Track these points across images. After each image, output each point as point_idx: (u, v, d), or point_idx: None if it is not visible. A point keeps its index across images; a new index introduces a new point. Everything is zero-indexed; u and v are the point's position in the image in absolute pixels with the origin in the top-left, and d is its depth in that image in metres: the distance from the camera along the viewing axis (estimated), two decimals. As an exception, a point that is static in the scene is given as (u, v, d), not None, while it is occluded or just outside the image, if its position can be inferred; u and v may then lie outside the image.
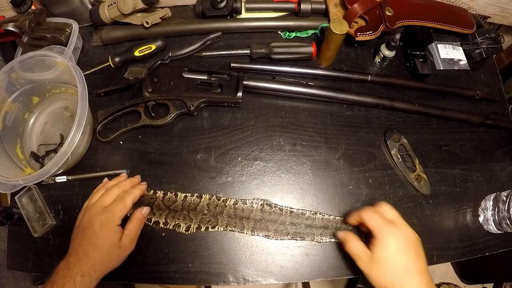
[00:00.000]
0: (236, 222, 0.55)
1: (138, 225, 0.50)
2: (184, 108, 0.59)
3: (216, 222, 0.55)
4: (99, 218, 0.47)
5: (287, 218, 0.55)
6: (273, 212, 0.56)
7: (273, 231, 0.55)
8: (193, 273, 0.53)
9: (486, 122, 0.65)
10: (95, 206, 0.49)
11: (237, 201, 0.56)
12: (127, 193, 0.50)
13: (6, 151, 0.56)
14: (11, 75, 0.56)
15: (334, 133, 0.63)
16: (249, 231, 0.54)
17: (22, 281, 0.93)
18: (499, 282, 1.08)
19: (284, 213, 0.56)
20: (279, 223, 0.55)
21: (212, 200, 0.56)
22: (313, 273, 0.54)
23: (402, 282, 0.43)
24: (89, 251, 0.45)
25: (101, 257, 0.45)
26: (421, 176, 0.60)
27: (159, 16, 0.64)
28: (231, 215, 0.55)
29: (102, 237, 0.46)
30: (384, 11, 0.66)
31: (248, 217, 0.55)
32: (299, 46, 0.66)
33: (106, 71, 0.64)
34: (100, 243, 0.45)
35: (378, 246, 0.45)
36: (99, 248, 0.45)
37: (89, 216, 0.48)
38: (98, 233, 0.46)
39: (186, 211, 0.55)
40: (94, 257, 0.44)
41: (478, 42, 0.71)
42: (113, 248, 0.46)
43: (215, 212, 0.55)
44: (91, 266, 0.44)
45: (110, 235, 0.46)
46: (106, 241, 0.46)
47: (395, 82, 0.67)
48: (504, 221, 0.56)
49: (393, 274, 0.44)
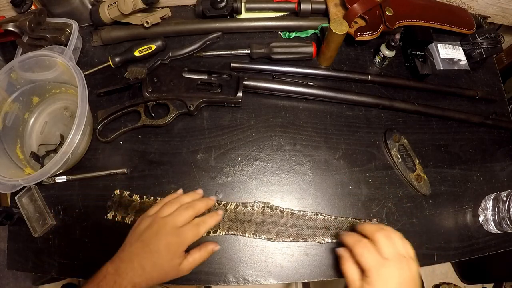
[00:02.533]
0: (238, 226, 0.54)
1: (205, 257, 0.49)
2: (184, 108, 0.59)
3: (217, 227, 0.54)
4: (168, 239, 0.45)
5: (288, 220, 0.55)
6: (274, 215, 0.55)
7: (274, 233, 0.54)
8: (193, 273, 0.53)
9: (486, 122, 0.65)
10: (165, 222, 0.46)
11: (238, 205, 0.56)
12: (203, 222, 0.49)
13: (6, 151, 0.56)
14: (11, 75, 0.56)
15: (334, 133, 0.63)
16: (251, 234, 0.54)
17: (22, 281, 0.93)
18: (499, 282, 1.08)
19: (286, 215, 0.55)
20: (281, 225, 0.55)
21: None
22: (313, 273, 0.54)
23: None
24: (147, 266, 0.43)
25: (158, 275, 0.44)
26: (421, 176, 0.60)
27: (159, 16, 0.64)
28: (232, 219, 0.55)
29: (165, 258, 0.44)
30: (384, 11, 0.66)
31: (249, 220, 0.55)
32: (299, 46, 0.65)
33: (106, 71, 0.64)
34: (161, 263, 0.44)
35: (369, 284, 0.42)
36: (159, 267, 0.43)
37: (157, 230, 0.45)
38: (162, 253, 0.44)
39: None
40: (151, 273, 0.43)
41: (478, 42, 0.71)
42: (172, 270, 0.45)
43: None
44: (144, 280, 0.42)
45: (174, 260, 0.45)
46: (168, 263, 0.44)
47: (395, 82, 0.67)
48: (504, 221, 0.56)
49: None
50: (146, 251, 0.44)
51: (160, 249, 0.44)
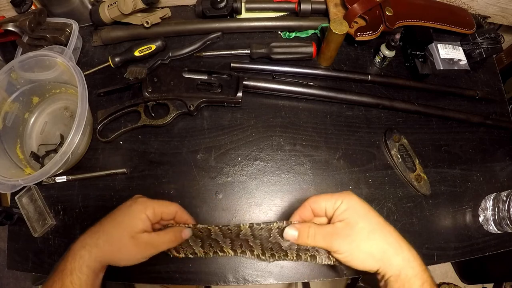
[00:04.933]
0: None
1: (169, 237, 0.44)
2: (184, 108, 0.59)
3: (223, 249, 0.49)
4: (135, 199, 0.44)
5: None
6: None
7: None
8: (193, 273, 0.53)
9: (486, 122, 0.65)
10: (135, 202, 0.44)
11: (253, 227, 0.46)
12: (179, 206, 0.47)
13: (6, 151, 0.56)
14: (11, 75, 0.56)
15: (334, 133, 0.63)
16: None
17: (22, 281, 0.93)
18: (499, 282, 1.08)
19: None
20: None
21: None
22: (313, 273, 0.54)
23: (399, 245, 0.38)
24: (105, 225, 0.41)
25: (110, 236, 0.40)
26: (421, 176, 0.60)
27: (159, 16, 0.64)
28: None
29: (123, 215, 0.42)
30: (384, 11, 0.66)
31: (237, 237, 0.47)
32: (299, 46, 0.65)
33: (106, 71, 0.64)
34: (117, 220, 0.42)
35: (345, 210, 0.39)
36: (113, 224, 0.41)
37: (130, 199, 0.45)
38: (123, 210, 0.43)
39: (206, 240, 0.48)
40: (104, 231, 0.41)
41: (478, 42, 0.71)
42: (125, 234, 0.41)
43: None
44: (95, 240, 0.40)
45: (132, 219, 0.42)
46: (124, 222, 0.41)
47: (395, 82, 0.67)
48: (504, 221, 0.56)
49: (382, 236, 0.38)
50: (109, 215, 0.43)
51: (122, 208, 0.43)
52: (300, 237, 0.41)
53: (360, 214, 0.39)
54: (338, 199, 0.40)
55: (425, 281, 0.37)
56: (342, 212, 0.40)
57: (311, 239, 0.40)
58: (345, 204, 0.40)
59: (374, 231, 0.39)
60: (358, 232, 0.38)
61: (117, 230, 0.41)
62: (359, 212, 0.39)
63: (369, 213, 0.40)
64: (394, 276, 0.37)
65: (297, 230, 0.41)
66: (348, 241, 0.38)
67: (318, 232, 0.40)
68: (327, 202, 0.41)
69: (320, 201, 0.42)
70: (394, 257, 0.37)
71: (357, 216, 0.39)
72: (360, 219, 0.39)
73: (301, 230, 0.41)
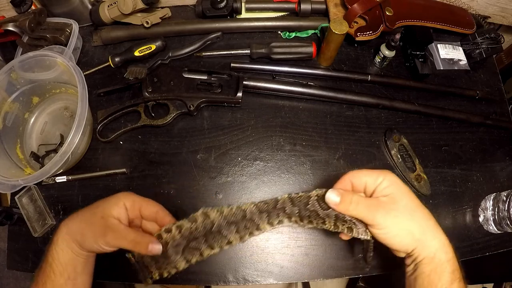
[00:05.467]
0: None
1: (133, 238, 0.41)
2: (184, 108, 0.59)
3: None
4: (122, 192, 0.44)
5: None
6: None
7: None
8: (193, 273, 0.53)
9: (486, 122, 0.65)
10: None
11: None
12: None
13: (6, 151, 0.56)
14: (11, 75, 0.56)
15: (334, 133, 0.63)
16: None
17: (22, 281, 0.93)
18: (499, 282, 1.08)
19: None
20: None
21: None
22: (313, 273, 0.54)
23: (436, 228, 0.38)
24: (85, 208, 0.42)
25: (84, 215, 0.41)
26: (421, 176, 0.60)
27: (159, 16, 0.64)
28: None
29: (103, 201, 0.42)
30: (384, 11, 0.66)
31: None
32: (299, 46, 0.65)
33: (106, 71, 0.64)
34: (97, 204, 0.42)
35: (389, 186, 0.39)
36: (91, 207, 0.42)
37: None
38: (104, 199, 0.43)
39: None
40: (81, 212, 0.41)
41: (478, 42, 0.71)
42: (99, 213, 0.41)
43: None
44: (72, 218, 0.41)
45: (109, 203, 0.42)
46: (101, 205, 0.42)
47: (395, 82, 0.67)
48: (504, 221, 0.56)
49: (417, 218, 0.38)
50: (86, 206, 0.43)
51: (94, 204, 0.43)
52: (342, 203, 0.39)
53: (403, 192, 0.39)
54: (379, 175, 0.39)
55: (456, 269, 0.37)
56: (385, 187, 0.39)
57: (354, 207, 0.38)
58: (387, 181, 0.39)
59: (416, 210, 0.38)
60: (402, 209, 0.38)
61: (91, 211, 0.42)
62: (402, 190, 0.39)
63: (410, 193, 0.39)
64: (428, 258, 0.37)
65: (340, 195, 0.39)
66: (391, 216, 0.37)
67: (361, 202, 0.39)
68: (368, 177, 0.40)
69: (361, 175, 0.40)
70: (432, 239, 0.37)
71: (401, 194, 0.39)
72: (403, 197, 0.38)
73: (344, 195, 0.39)
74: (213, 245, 0.43)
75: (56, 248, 0.40)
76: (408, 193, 0.39)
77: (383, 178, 0.39)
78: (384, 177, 0.39)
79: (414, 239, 0.37)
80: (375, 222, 0.37)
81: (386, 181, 0.39)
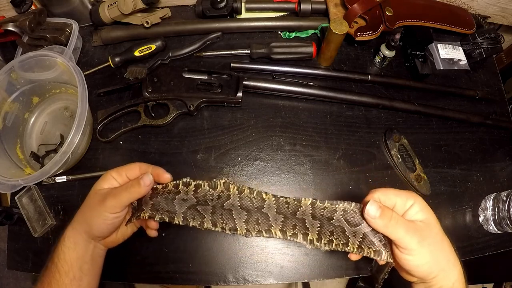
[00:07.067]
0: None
1: (126, 187, 0.40)
2: (184, 108, 0.59)
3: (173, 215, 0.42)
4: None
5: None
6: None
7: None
8: (193, 273, 0.53)
9: (486, 122, 0.65)
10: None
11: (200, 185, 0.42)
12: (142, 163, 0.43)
13: (6, 151, 0.56)
14: (11, 75, 0.56)
15: (334, 133, 0.63)
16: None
17: (22, 281, 0.93)
18: (499, 282, 1.08)
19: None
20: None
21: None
22: (313, 273, 0.54)
23: (455, 258, 0.37)
24: (80, 212, 0.42)
25: (84, 204, 0.41)
26: (421, 176, 0.60)
27: (159, 16, 0.64)
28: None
29: (93, 192, 0.41)
30: (384, 11, 0.66)
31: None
32: (299, 46, 0.65)
33: (106, 71, 0.64)
34: (89, 195, 0.41)
35: (420, 211, 0.36)
36: (86, 199, 0.42)
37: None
38: (87, 200, 0.42)
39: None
40: (80, 209, 0.41)
41: (478, 42, 0.71)
42: (96, 196, 0.40)
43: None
44: (76, 216, 0.41)
45: (99, 184, 0.41)
46: (93, 189, 0.41)
47: (395, 82, 0.67)
48: (504, 221, 0.56)
49: (442, 250, 0.36)
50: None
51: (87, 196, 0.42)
52: (382, 218, 0.35)
53: (435, 219, 0.37)
54: (409, 197, 0.37)
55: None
56: (417, 212, 0.37)
57: (393, 224, 0.35)
58: (418, 205, 0.37)
59: (444, 239, 0.37)
60: (435, 236, 0.36)
61: (87, 201, 0.41)
62: (434, 217, 0.37)
63: (437, 219, 0.38)
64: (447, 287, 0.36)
65: (380, 209, 0.35)
66: (427, 243, 0.35)
67: (401, 221, 0.35)
68: (397, 198, 0.37)
69: (390, 195, 0.38)
70: (453, 269, 0.36)
71: (434, 221, 0.37)
72: (436, 224, 0.37)
73: (384, 211, 0.36)
74: (216, 222, 0.41)
75: (62, 248, 0.40)
76: (437, 220, 0.38)
77: (413, 201, 0.37)
78: (414, 200, 0.37)
79: (439, 267, 0.36)
80: (410, 247, 0.35)
81: (417, 205, 0.37)
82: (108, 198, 0.39)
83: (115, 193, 0.40)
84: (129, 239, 0.46)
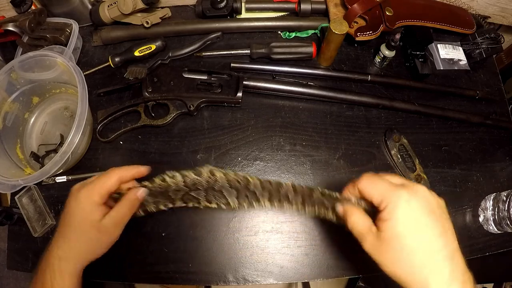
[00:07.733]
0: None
1: (127, 208, 0.42)
2: (184, 108, 0.59)
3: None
4: (76, 195, 0.41)
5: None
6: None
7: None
8: (193, 273, 0.53)
9: (486, 122, 0.65)
10: (76, 184, 0.43)
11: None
12: (117, 168, 0.44)
13: (6, 151, 0.56)
14: (11, 75, 0.56)
15: (334, 133, 0.63)
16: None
17: (22, 281, 0.93)
18: (499, 282, 1.08)
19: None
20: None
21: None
22: (313, 273, 0.54)
23: (426, 276, 0.32)
24: (66, 232, 0.40)
25: (78, 238, 0.40)
26: (421, 176, 0.60)
27: (159, 16, 0.64)
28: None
29: (78, 215, 0.40)
30: (384, 11, 0.66)
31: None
32: (299, 46, 0.65)
33: (106, 71, 0.64)
34: (76, 222, 0.40)
35: (385, 220, 0.33)
36: (74, 228, 0.40)
37: (69, 195, 0.42)
38: (74, 211, 0.40)
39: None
40: (70, 238, 0.40)
41: (478, 42, 0.71)
42: (90, 229, 0.40)
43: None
44: (67, 250, 0.39)
45: (87, 214, 0.40)
46: (82, 220, 0.40)
47: (395, 82, 0.67)
48: (504, 221, 0.56)
49: (410, 262, 0.32)
50: (63, 218, 0.41)
51: (72, 207, 0.41)
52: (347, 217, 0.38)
53: (398, 231, 0.34)
54: (385, 199, 0.35)
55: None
56: (386, 220, 0.34)
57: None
58: (390, 210, 0.34)
59: (419, 249, 0.34)
60: (400, 251, 0.33)
61: (81, 234, 0.40)
62: (399, 228, 0.34)
63: (418, 226, 0.34)
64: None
65: (344, 211, 0.39)
66: (376, 251, 0.35)
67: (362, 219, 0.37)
68: (374, 195, 0.36)
69: (371, 189, 0.37)
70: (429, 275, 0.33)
71: (404, 230, 0.33)
72: (407, 235, 0.34)
73: (349, 211, 0.39)
74: (211, 200, 0.45)
75: (52, 282, 0.39)
76: (418, 227, 0.33)
77: (386, 204, 0.35)
78: (387, 204, 0.34)
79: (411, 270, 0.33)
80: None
81: (388, 210, 0.34)
82: (116, 230, 0.41)
83: (119, 221, 0.42)
84: (129, 239, 0.46)
